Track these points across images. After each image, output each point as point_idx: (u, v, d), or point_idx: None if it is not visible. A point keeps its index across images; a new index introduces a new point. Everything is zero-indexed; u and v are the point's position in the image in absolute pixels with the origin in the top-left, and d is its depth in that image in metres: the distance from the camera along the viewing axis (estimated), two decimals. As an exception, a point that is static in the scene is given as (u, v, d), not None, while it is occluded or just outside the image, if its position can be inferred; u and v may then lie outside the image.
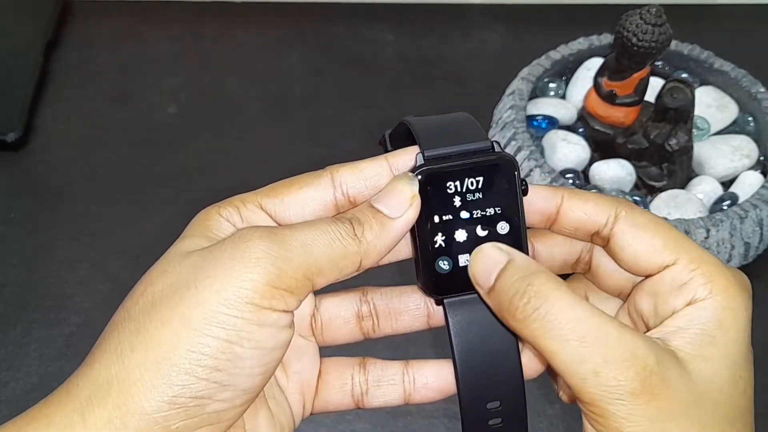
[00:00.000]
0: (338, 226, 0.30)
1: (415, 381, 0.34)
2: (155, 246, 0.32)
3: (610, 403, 0.27)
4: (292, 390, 0.34)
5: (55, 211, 0.65)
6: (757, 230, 0.56)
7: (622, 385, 0.27)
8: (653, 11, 0.54)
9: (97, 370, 0.28)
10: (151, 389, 0.27)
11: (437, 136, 0.32)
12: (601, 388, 0.28)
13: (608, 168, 0.59)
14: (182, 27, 0.79)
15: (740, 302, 0.30)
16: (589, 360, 0.28)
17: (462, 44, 0.78)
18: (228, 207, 0.31)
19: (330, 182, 0.32)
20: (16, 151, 0.68)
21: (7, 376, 0.56)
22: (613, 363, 0.28)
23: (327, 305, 0.35)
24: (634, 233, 0.31)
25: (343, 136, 0.70)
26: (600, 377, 0.27)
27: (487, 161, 0.31)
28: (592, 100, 0.61)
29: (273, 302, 0.28)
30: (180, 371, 0.27)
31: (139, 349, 0.27)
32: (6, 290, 0.60)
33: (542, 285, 0.29)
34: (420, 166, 0.31)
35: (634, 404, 0.27)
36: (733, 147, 0.61)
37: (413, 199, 0.30)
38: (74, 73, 0.75)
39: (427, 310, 0.35)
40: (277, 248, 0.28)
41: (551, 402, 0.54)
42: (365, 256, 0.30)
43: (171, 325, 0.27)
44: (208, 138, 0.70)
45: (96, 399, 0.27)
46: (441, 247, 0.31)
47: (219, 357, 0.27)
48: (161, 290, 0.28)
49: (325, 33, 0.79)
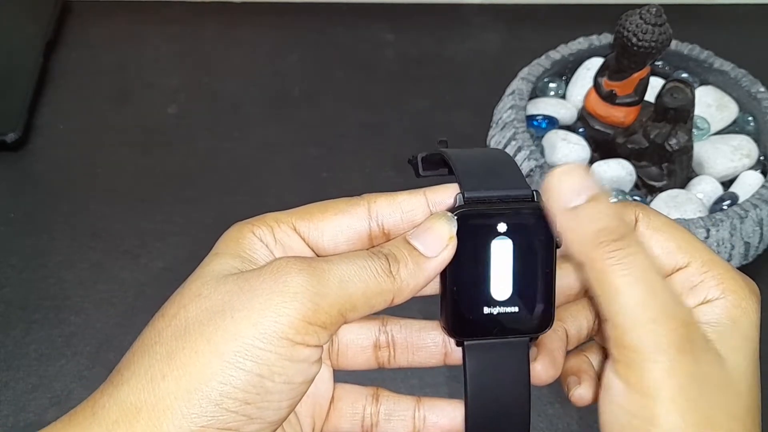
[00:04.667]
0: (374, 261, 0.29)
1: (426, 419, 0.34)
2: (155, 246, 0.32)
3: (655, 352, 0.28)
4: (304, 413, 0.34)
5: (55, 211, 0.65)
6: (757, 230, 0.56)
7: (673, 339, 0.28)
8: (653, 11, 0.54)
9: (125, 393, 0.27)
10: (180, 418, 0.27)
11: (478, 177, 0.32)
12: (652, 335, 0.28)
13: (608, 168, 0.59)
14: (182, 27, 0.79)
15: (751, 303, 0.31)
16: (651, 308, 0.28)
17: (462, 44, 0.78)
18: (262, 226, 0.31)
19: (366, 212, 0.31)
20: (16, 151, 0.68)
21: (7, 376, 0.55)
22: (672, 319, 0.29)
23: (346, 331, 0.34)
24: (649, 235, 0.32)
25: (343, 136, 0.70)
26: (656, 325, 0.28)
27: (526, 211, 0.31)
28: (592, 99, 0.61)
29: (307, 338, 0.28)
30: (210, 402, 0.27)
31: (171, 378, 0.27)
32: (6, 290, 0.60)
33: (633, 230, 0.30)
34: (459, 207, 0.31)
35: (679, 358, 0.28)
36: (733, 147, 0.61)
37: (450, 240, 0.30)
38: (74, 73, 0.75)
39: (445, 348, 0.34)
40: (315, 283, 0.28)
41: (551, 402, 0.54)
42: (398, 293, 0.30)
43: (205, 355, 0.27)
44: (208, 138, 0.70)
45: (123, 424, 0.27)
46: (469, 290, 0.31)
47: (249, 391, 0.27)
48: (195, 316, 0.28)
49: (325, 33, 0.79)
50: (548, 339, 0.33)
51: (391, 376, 0.36)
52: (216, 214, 0.64)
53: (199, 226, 0.63)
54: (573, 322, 0.34)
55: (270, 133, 0.70)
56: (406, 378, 0.38)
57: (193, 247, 0.61)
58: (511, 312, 0.31)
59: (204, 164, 0.68)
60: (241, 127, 0.71)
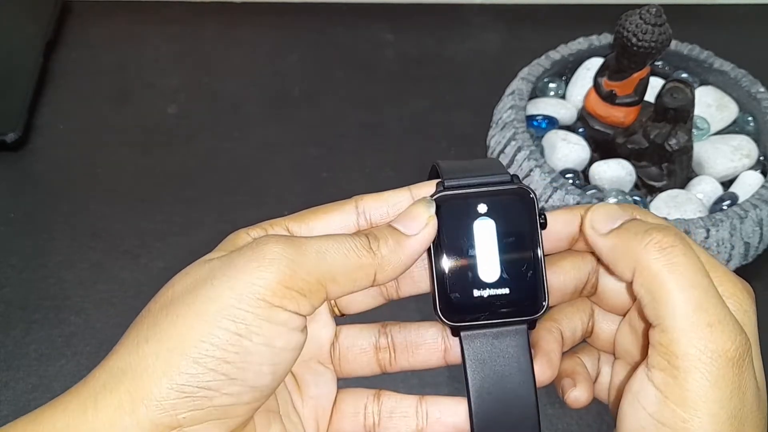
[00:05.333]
0: (354, 238, 0.31)
1: (428, 416, 0.34)
2: (155, 246, 0.32)
3: (706, 361, 0.28)
4: (307, 414, 0.34)
5: (55, 211, 0.65)
6: (757, 230, 0.56)
7: (727, 348, 0.28)
8: (653, 11, 0.54)
9: (113, 360, 0.29)
10: (161, 376, 0.28)
11: (460, 169, 0.33)
12: (706, 342, 0.28)
13: (608, 168, 0.59)
14: (182, 27, 0.79)
15: (750, 306, 0.31)
16: (708, 312, 0.28)
17: (462, 44, 0.78)
18: (257, 229, 0.33)
19: (354, 209, 0.33)
20: (16, 151, 0.68)
21: (7, 376, 0.56)
22: (728, 326, 0.28)
23: (346, 334, 0.35)
24: None
25: (343, 136, 0.70)
26: (713, 331, 0.28)
27: (505, 190, 0.32)
28: (592, 100, 0.61)
29: (284, 301, 0.29)
30: (189, 360, 0.28)
31: (154, 340, 0.28)
32: (6, 290, 0.60)
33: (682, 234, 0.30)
34: (438, 191, 0.32)
35: (727, 369, 0.28)
36: (732, 147, 0.61)
37: (429, 219, 0.31)
38: (74, 73, 0.75)
39: (444, 344, 0.35)
40: (292, 251, 0.29)
41: (551, 402, 0.54)
42: (379, 269, 0.31)
43: (186, 318, 0.28)
44: (207, 138, 0.70)
45: (109, 386, 0.28)
46: (457, 273, 0.32)
47: (228, 349, 0.28)
48: (180, 289, 0.29)
49: (325, 33, 0.79)
50: (544, 340, 0.33)
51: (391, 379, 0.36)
52: (216, 214, 0.64)
53: (199, 226, 0.63)
54: (568, 323, 0.35)
55: (270, 133, 0.70)
56: (406, 379, 0.38)
57: (193, 247, 0.60)
58: (501, 294, 0.32)
59: (204, 164, 0.68)
60: (241, 127, 0.71)
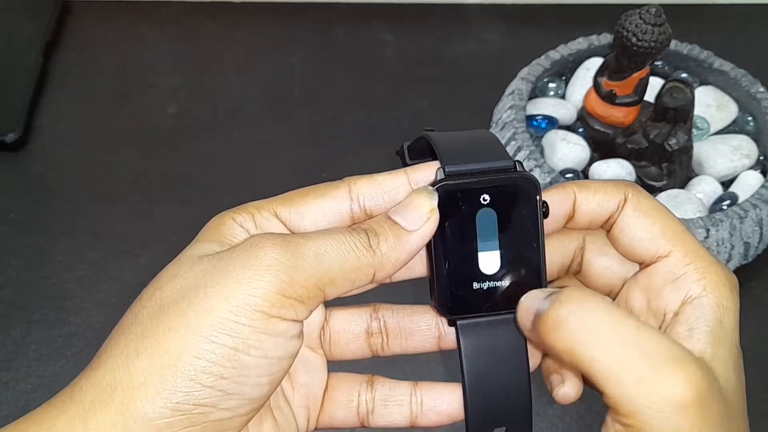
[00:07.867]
0: (353, 236, 0.29)
1: (423, 403, 0.34)
2: (155, 246, 0.32)
3: (655, 416, 0.26)
4: (298, 402, 0.33)
5: (55, 211, 0.65)
6: (757, 230, 0.56)
7: (671, 395, 0.26)
8: (653, 11, 0.54)
9: (101, 374, 0.27)
10: (155, 395, 0.26)
11: (459, 152, 0.31)
12: (646, 398, 0.26)
13: (608, 168, 0.59)
14: (182, 27, 0.79)
15: (732, 301, 0.30)
16: (634, 366, 0.26)
17: (462, 44, 0.78)
18: (242, 213, 0.31)
19: (347, 194, 0.31)
20: (15, 152, 0.68)
21: (7, 376, 0.56)
22: (662, 370, 0.26)
23: (337, 318, 0.34)
24: (635, 217, 0.31)
25: (343, 136, 0.70)
26: (646, 385, 0.26)
27: (508, 180, 0.31)
28: (591, 99, 0.61)
29: (282, 311, 0.27)
30: (185, 378, 0.26)
31: (145, 355, 0.27)
32: (6, 290, 0.60)
33: (570, 294, 0.28)
34: (440, 181, 0.30)
35: (682, 416, 0.26)
36: (732, 147, 0.61)
37: (431, 213, 0.30)
38: (74, 73, 0.75)
39: (438, 331, 0.34)
40: (289, 256, 0.27)
41: (551, 402, 0.54)
42: (379, 268, 0.29)
43: (178, 331, 0.27)
44: (207, 138, 0.70)
45: (99, 404, 0.27)
46: (457, 265, 0.31)
47: (225, 365, 0.27)
48: (170, 295, 0.28)
49: (325, 33, 0.79)
50: None
51: (384, 365, 0.35)
52: (216, 214, 0.64)
53: (199, 227, 0.62)
54: None
55: (270, 133, 0.70)
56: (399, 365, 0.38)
57: (193, 247, 0.61)
58: (500, 286, 0.31)
59: (204, 164, 0.68)
60: (241, 127, 0.71)
